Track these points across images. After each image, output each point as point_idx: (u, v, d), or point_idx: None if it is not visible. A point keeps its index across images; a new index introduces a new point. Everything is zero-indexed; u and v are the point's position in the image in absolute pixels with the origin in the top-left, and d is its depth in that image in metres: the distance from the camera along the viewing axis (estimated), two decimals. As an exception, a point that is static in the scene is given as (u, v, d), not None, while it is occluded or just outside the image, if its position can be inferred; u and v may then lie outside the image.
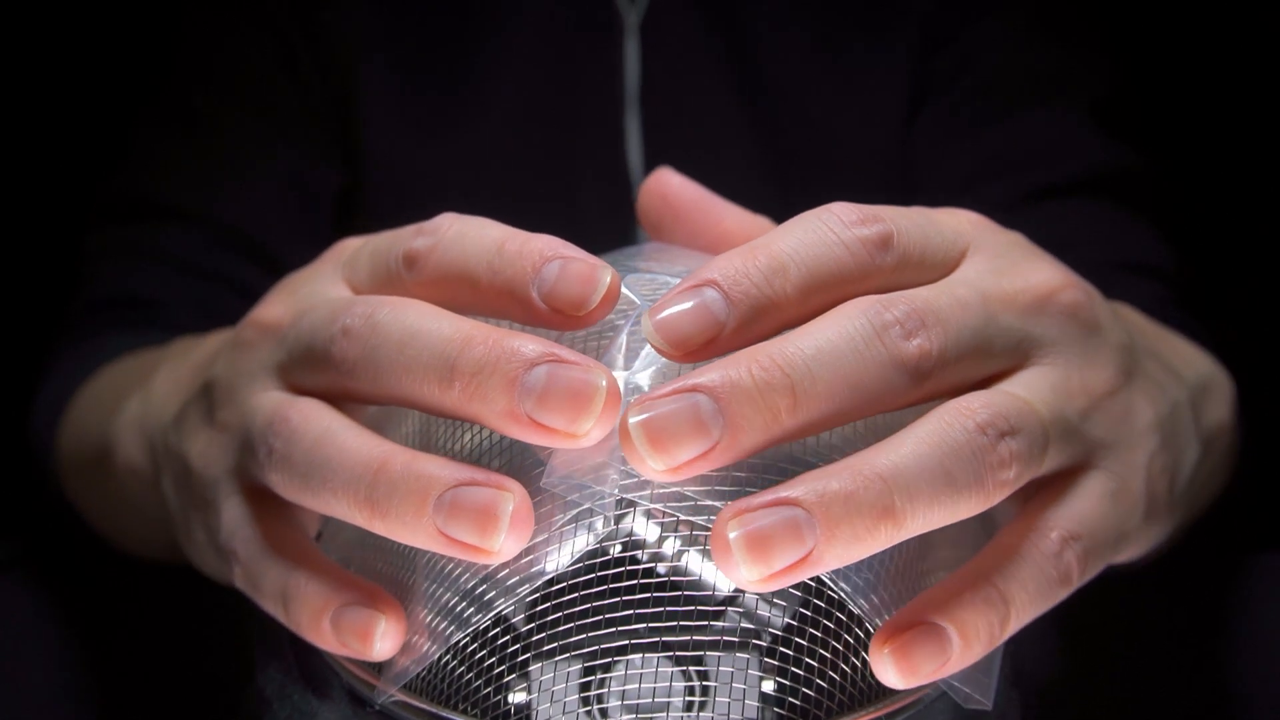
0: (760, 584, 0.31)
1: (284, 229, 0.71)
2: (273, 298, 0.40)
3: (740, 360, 0.31)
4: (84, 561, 0.66)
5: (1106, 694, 0.55)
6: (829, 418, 0.32)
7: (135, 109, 0.75)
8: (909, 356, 0.32)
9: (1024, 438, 0.33)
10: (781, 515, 0.30)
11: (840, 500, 0.31)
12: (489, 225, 0.35)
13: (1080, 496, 0.35)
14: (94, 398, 0.62)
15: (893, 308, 0.33)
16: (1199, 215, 0.83)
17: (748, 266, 0.33)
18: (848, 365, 0.32)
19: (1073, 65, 0.72)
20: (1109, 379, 0.37)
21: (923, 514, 0.31)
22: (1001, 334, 0.35)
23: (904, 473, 0.31)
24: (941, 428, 0.32)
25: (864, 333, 0.32)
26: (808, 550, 0.30)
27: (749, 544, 0.30)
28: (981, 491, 0.32)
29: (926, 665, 0.32)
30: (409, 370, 0.33)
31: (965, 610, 0.33)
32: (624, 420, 0.31)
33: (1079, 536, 0.35)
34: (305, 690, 0.37)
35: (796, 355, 0.31)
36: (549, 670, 0.34)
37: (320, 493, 0.34)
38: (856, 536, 0.31)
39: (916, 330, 0.33)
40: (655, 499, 0.32)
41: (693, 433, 0.31)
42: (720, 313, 0.32)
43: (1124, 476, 0.36)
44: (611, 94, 0.73)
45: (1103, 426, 0.36)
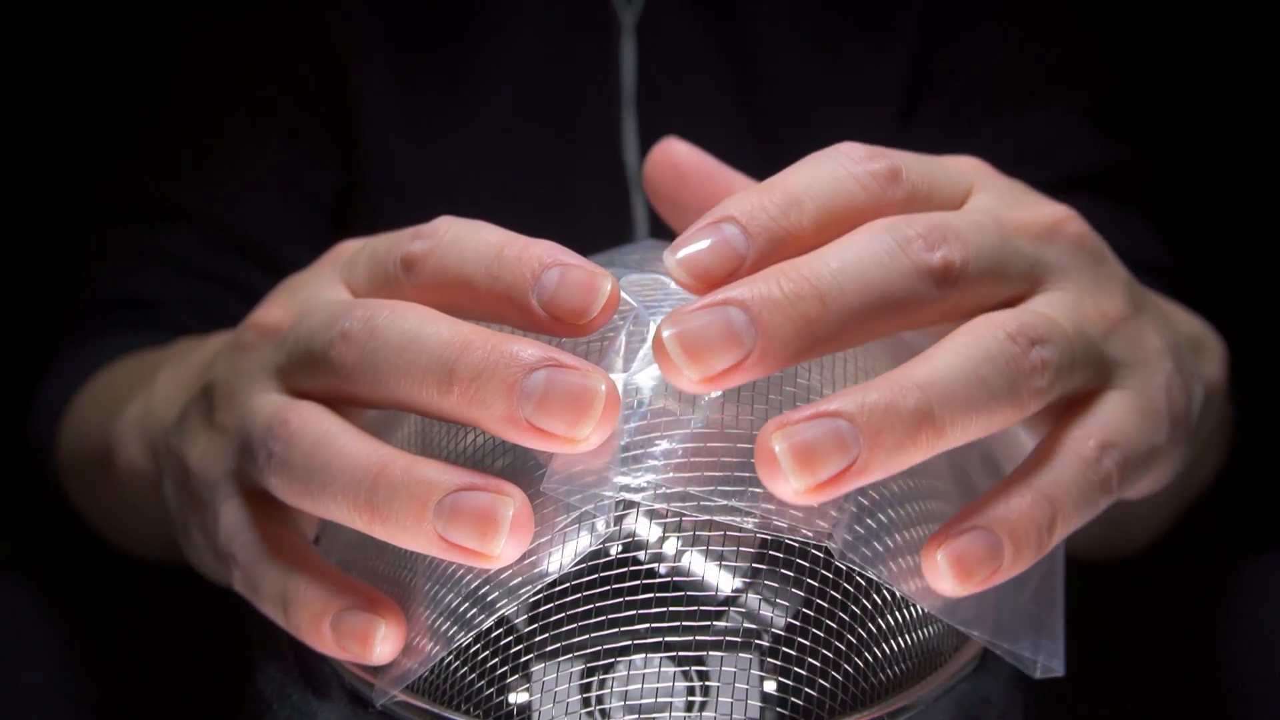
0: (808, 494, 0.31)
1: (283, 229, 0.71)
2: (272, 300, 0.40)
3: (768, 275, 0.32)
4: (84, 561, 0.66)
5: (1107, 694, 0.55)
6: (859, 328, 0.32)
7: (135, 109, 0.75)
8: (934, 266, 0.33)
9: (1054, 347, 0.34)
10: (825, 426, 0.31)
11: (880, 409, 0.31)
12: (487, 229, 0.35)
13: (1110, 410, 0.36)
14: (94, 398, 0.62)
15: (914, 224, 0.33)
16: (1199, 215, 0.83)
17: (763, 202, 0.33)
18: (873, 275, 0.32)
19: (1071, 65, 0.72)
20: (1121, 306, 0.37)
21: (961, 421, 0.32)
22: (1017, 256, 0.35)
23: (940, 381, 0.32)
24: (973, 338, 0.33)
25: (888, 246, 0.33)
26: (852, 459, 0.31)
27: (795, 454, 0.31)
28: (1016, 399, 0.33)
29: (981, 570, 0.32)
30: (407, 374, 0.33)
31: (1013, 515, 0.33)
32: (657, 334, 0.32)
33: (1116, 444, 0.35)
34: (305, 690, 0.37)
35: (823, 267, 0.32)
36: (551, 670, 0.34)
37: (320, 497, 0.34)
38: (899, 444, 0.31)
39: (939, 244, 0.33)
40: (657, 499, 0.32)
41: (727, 343, 0.31)
42: (740, 246, 0.33)
43: (1147, 394, 0.37)
44: (608, 94, 0.73)
45: (1121, 347, 0.37)
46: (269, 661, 0.38)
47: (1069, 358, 0.34)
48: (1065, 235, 0.37)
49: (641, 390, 0.33)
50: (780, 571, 0.35)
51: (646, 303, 0.35)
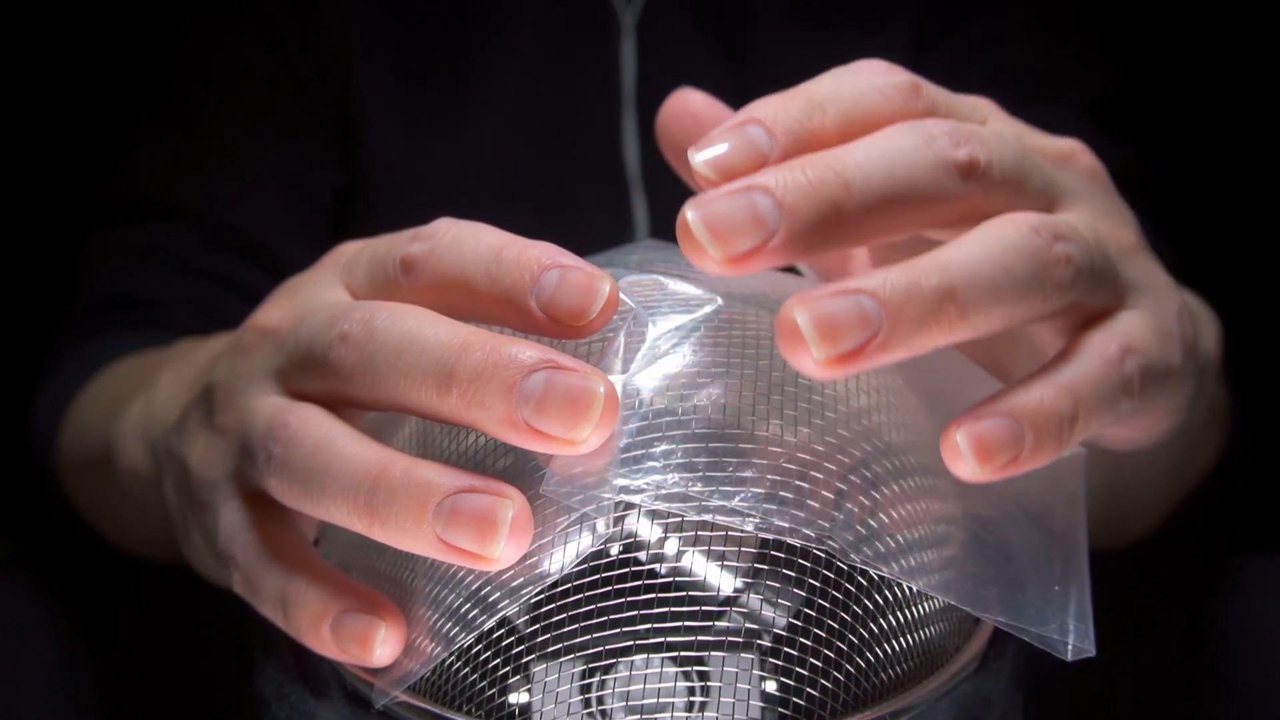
0: (829, 364, 0.31)
1: (283, 229, 0.71)
2: (272, 302, 0.40)
3: (793, 164, 0.32)
4: (84, 561, 0.66)
5: (1107, 694, 0.55)
6: (883, 218, 0.32)
7: (135, 109, 0.75)
8: (960, 160, 0.33)
9: (1076, 245, 0.34)
10: (847, 300, 0.31)
11: (903, 286, 0.31)
12: (486, 231, 0.35)
13: (1129, 323, 0.36)
14: (95, 399, 0.62)
15: (940, 125, 0.34)
16: (1199, 215, 0.83)
17: (787, 106, 0.34)
18: (898, 166, 0.33)
19: (1069, 64, 0.72)
20: (1132, 236, 0.38)
21: (984, 304, 0.32)
22: (1036, 171, 0.36)
23: (963, 263, 0.32)
24: (996, 229, 0.33)
25: (914, 140, 0.33)
26: (874, 332, 0.31)
27: (818, 324, 0.30)
28: (1040, 290, 0.33)
29: (1001, 453, 0.32)
30: (407, 376, 0.33)
31: (1034, 404, 0.33)
32: (681, 216, 0.32)
33: (1137, 350, 0.35)
34: (304, 690, 0.37)
35: (848, 157, 0.32)
36: (552, 671, 0.34)
37: (319, 499, 0.34)
38: (921, 321, 0.31)
39: (963, 142, 0.34)
40: (657, 500, 0.32)
41: (751, 224, 0.31)
42: (764, 144, 0.33)
43: (1161, 315, 0.37)
44: (608, 93, 0.73)
45: (1135, 270, 0.37)
46: (268, 661, 0.38)
47: (1089, 260, 0.34)
48: (1079, 164, 0.38)
49: (641, 391, 0.33)
50: (781, 572, 0.35)
51: (645, 304, 0.35)
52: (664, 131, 0.45)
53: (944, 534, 0.35)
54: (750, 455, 0.33)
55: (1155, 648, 0.57)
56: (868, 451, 0.34)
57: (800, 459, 0.33)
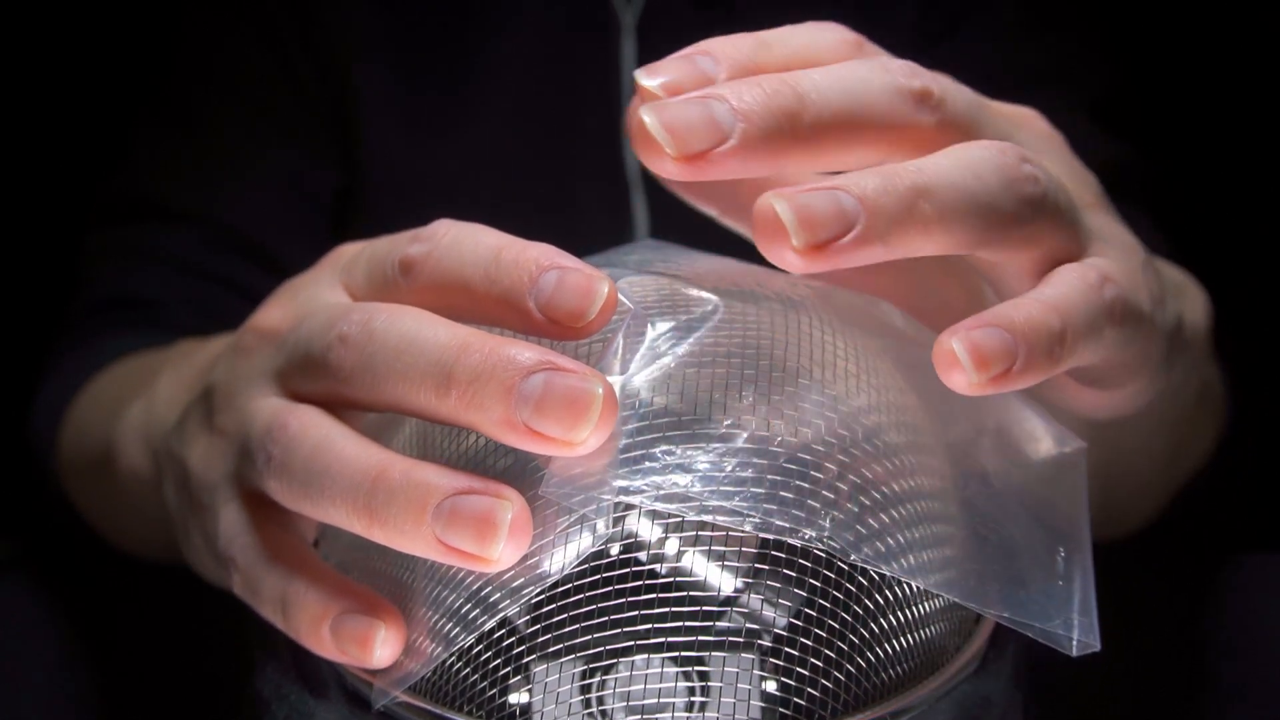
0: (807, 253, 0.31)
1: (283, 229, 0.71)
2: (272, 303, 0.40)
3: (747, 79, 0.33)
4: (84, 561, 0.66)
5: (1107, 693, 0.55)
6: (840, 134, 0.33)
7: (135, 109, 0.75)
8: (914, 88, 0.34)
9: (1043, 171, 0.34)
10: (824, 193, 0.31)
11: (878, 182, 0.32)
12: (485, 232, 0.35)
13: (1101, 259, 0.36)
14: (95, 400, 0.62)
15: (892, 60, 0.35)
16: (1199, 215, 0.83)
17: (736, 41, 0.35)
18: (852, 85, 0.33)
19: (1069, 62, 0.72)
20: (1092, 195, 0.38)
21: (957, 207, 0.32)
22: (992, 123, 0.36)
23: (935, 168, 0.32)
24: (964, 147, 0.34)
25: (868, 66, 0.34)
26: (851, 224, 0.31)
27: (796, 210, 0.31)
28: (1011, 202, 0.33)
29: (996, 362, 0.32)
30: (406, 377, 0.33)
31: (1024, 320, 0.33)
32: (635, 119, 0.32)
33: (1114, 279, 0.35)
34: (303, 691, 0.37)
35: (803, 76, 0.33)
36: (552, 671, 0.34)
37: (319, 501, 0.34)
38: (896, 217, 0.31)
39: (917, 75, 0.34)
40: (657, 501, 0.32)
41: (707, 124, 0.32)
42: (710, 69, 0.34)
43: (1125, 264, 0.37)
44: (609, 94, 0.73)
45: (1098, 223, 0.37)
46: (267, 662, 0.38)
47: (1055, 187, 0.35)
48: (1035, 126, 0.38)
49: (640, 392, 0.33)
50: (782, 572, 0.35)
51: (644, 305, 0.35)
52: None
53: (945, 532, 0.35)
54: (750, 455, 0.33)
55: (1155, 648, 0.57)
56: (868, 451, 0.34)
57: (800, 459, 0.33)
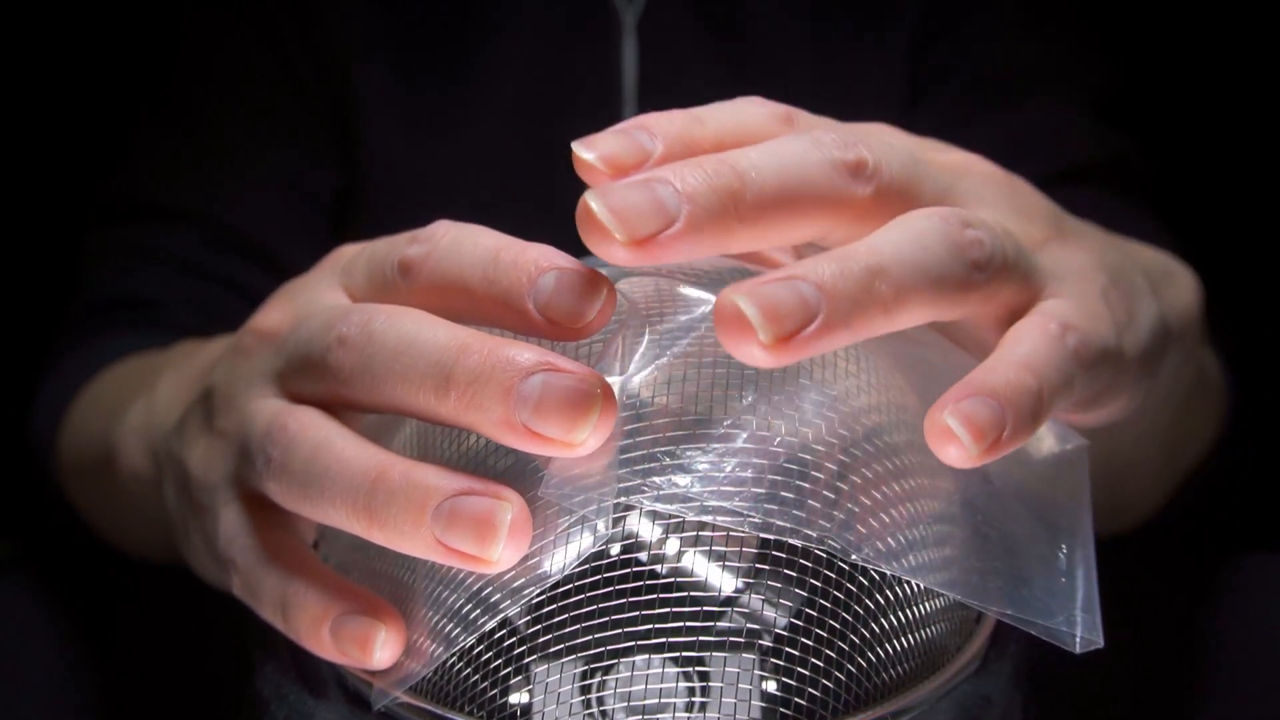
0: (775, 348, 0.31)
1: (283, 229, 0.71)
2: (271, 305, 0.40)
3: (688, 161, 0.33)
4: (84, 561, 0.66)
5: (1107, 693, 0.55)
6: (783, 212, 0.33)
7: (135, 109, 0.75)
8: (848, 161, 0.34)
9: (986, 231, 0.34)
10: (783, 284, 0.31)
11: (834, 269, 0.31)
12: (483, 233, 0.35)
13: (1059, 304, 0.36)
14: (96, 400, 0.62)
15: (825, 131, 0.34)
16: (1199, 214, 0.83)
17: (669, 116, 0.35)
18: (790, 163, 0.33)
19: (1070, 58, 0.72)
20: (1043, 230, 0.38)
21: (912, 282, 0.32)
22: (930, 178, 0.36)
23: (885, 245, 0.32)
24: (906, 219, 0.34)
25: (801, 143, 0.34)
26: (814, 314, 0.31)
27: (760, 305, 0.31)
28: (960, 269, 0.33)
29: (990, 431, 0.32)
30: (405, 379, 0.33)
31: (1004, 384, 0.33)
32: (583, 205, 0.32)
33: (1074, 326, 0.35)
34: (302, 690, 0.37)
35: (740, 155, 0.33)
36: (553, 671, 0.34)
37: (318, 502, 0.34)
38: (857, 300, 0.31)
39: (851, 145, 0.34)
40: (657, 501, 0.32)
41: (654, 209, 0.32)
42: (647, 143, 0.34)
43: (1084, 299, 0.37)
44: (609, 93, 0.73)
45: (1050, 261, 0.37)
46: (267, 662, 0.38)
47: (1002, 245, 0.35)
48: (977, 171, 0.38)
49: (639, 392, 0.33)
50: (782, 572, 0.35)
51: (643, 305, 0.35)
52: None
53: (946, 531, 0.35)
54: (750, 455, 0.33)
55: (1155, 648, 0.57)
56: (868, 451, 0.34)
57: (800, 459, 0.33)
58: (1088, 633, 0.34)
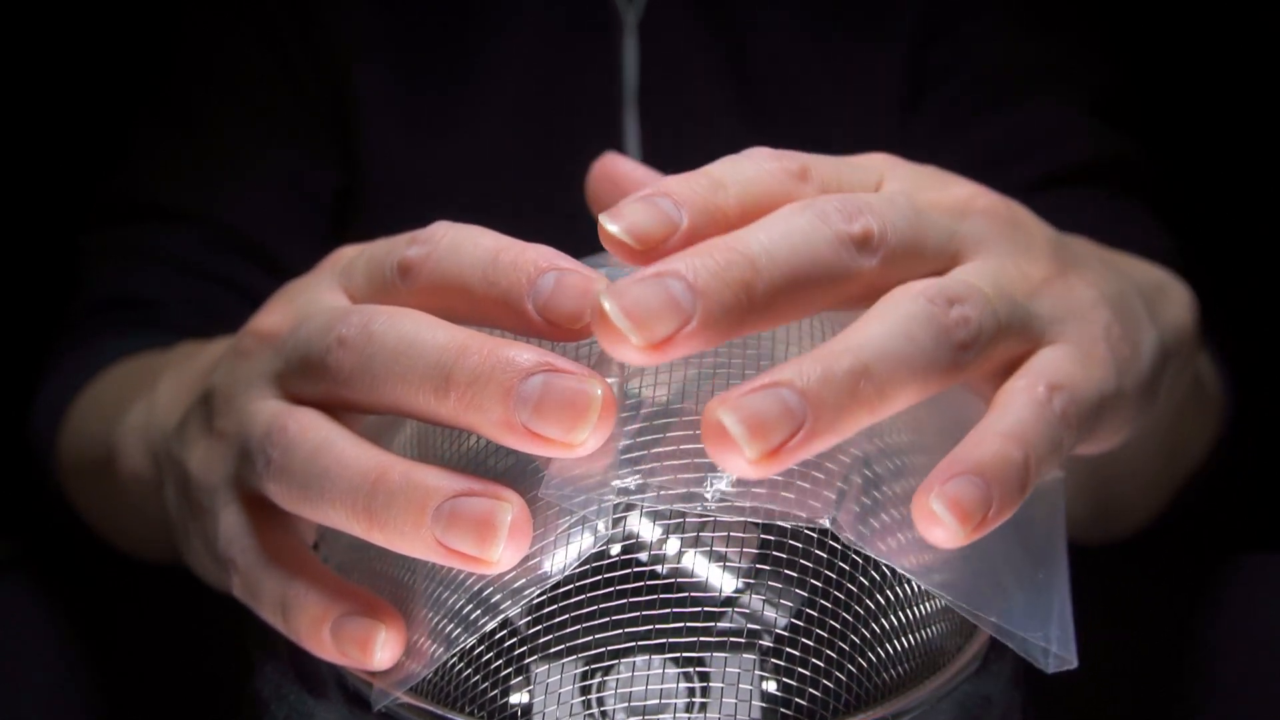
0: (761, 462, 0.31)
1: (283, 229, 0.71)
2: (271, 306, 0.40)
3: (699, 248, 0.32)
4: (84, 561, 0.66)
5: (1107, 694, 0.55)
6: (793, 298, 0.33)
7: (134, 109, 0.75)
8: (854, 234, 0.34)
9: (972, 305, 0.34)
10: (768, 394, 0.31)
11: (817, 372, 0.31)
12: (483, 234, 0.35)
13: (1049, 360, 0.36)
14: (96, 401, 0.62)
15: (829, 200, 0.34)
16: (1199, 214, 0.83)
17: (690, 182, 0.34)
18: (798, 244, 0.33)
19: (1070, 57, 0.72)
20: (1044, 267, 0.38)
21: (897, 377, 0.32)
22: (933, 228, 0.36)
23: (868, 342, 0.32)
24: (891, 304, 0.33)
25: (809, 219, 0.33)
26: (799, 423, 0.31)
27: (744, 421, 0.31)
28: (946, 354, 0.33)
29: (976, 512, 0.32)
30: (404, 380, 0.33)
31: (989, 459, 0.33)
32: (597, 306, 0.31)
33: (1062, 386, 0.35)
34: (302, 690, 0.37)
35: (750, 239, 0.33)
36: (554, 671, 0.34)
37: (318, 503, 0.34)
38: (841, 404, 0.31)
39: (856, 215, 0.34)
40: (657, 501, 0.32)
41: (668, 309, 0.31)
42: (673, 214, 0.33)
43: (1084, 344, 0.37)
44: (610, 93, 0.73)
45: (1049, 305, 0.37)
46: (266, 662, 0.38)
47: (991, 315, 0.34)
48: (977, 208, 0.38)
49: (639, 393, 0.33)
50: (782, 572, 0.35)
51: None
52: (591, 195, 0.46)
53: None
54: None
55: (1155, 648, 0.57)
56: (869, 450, 0.34)
57: None
58: (1062, 650, 0.34)
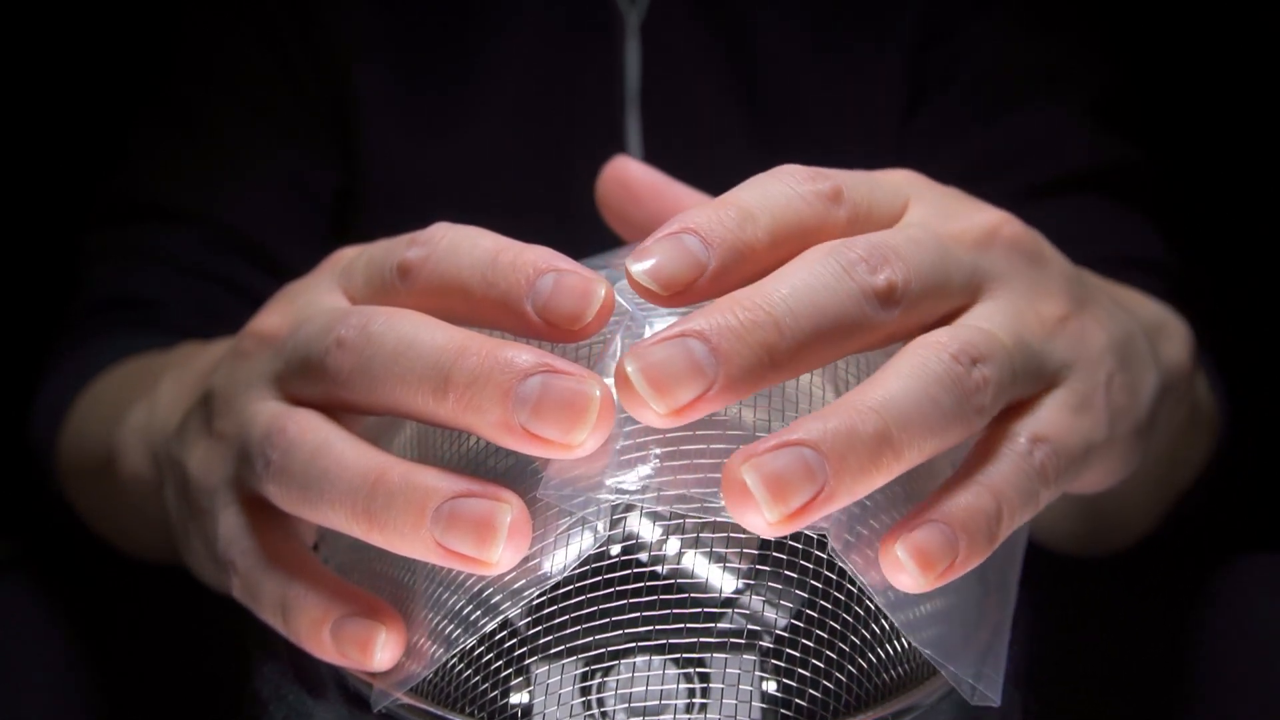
0: (780, 524, 0.31)
1: (283, 230, 0.71)
2: (271, 308, 0.40)
3: (721, 305, 0.32)
4: (84, 561, 0.66)
5: (1107, 694, 0.55)
6: (815, 352, 0.33)
7: (134, 110, 0.75)
8: (878, 287, 0.34)
9: (993, 364, 0.34)
10: (791, 454, 0.31)
11: (842, 435, 0.31)
12: (482, 235, 0.35)
13: (1045, 407, 0.36)
14: (96, 402, 0.62)
15: (855, 247, 0.34)
16: (1199, 215, 0.83)
17: (719, 215, 0.34)
18: (823, 299, 0.33)
19: (1070, 61, 0.72)
20: (1061, 306, 0.38)
21: (917, 442, 0.32)
22: (957, 268, 0.36)
23: (894, 403, 0.32)
24: (919, 361, 0.33)
25: (833, 270, 0.33)
26: (820, 486, 0.31)
27: (767, 484, 0.31)
28: (964, 417, 0.33)
29: (940, 561, 0.32)
30: (403, 381, 0.33)
31: (961, 509, 0.33)
32: (619, 369, 0.32)
33: (1046, 439, 0.35)
34: (300, 690, 0.37)
35: (774, 294, 0.32)
36: (554, 672, 0.34)
37: (318, 504, 0.34)
38: (862, 468, 0.31)
39: (880, 265, 0.34)
40: (656, 502, 0.32)
41: (691, 373, 0.31)
42: (701, 254, 0.33)
43: (1084, 392, 0.37)
44: (612, 95, 0.73)
45: (1061, 348, 0.37)
46: (265, 662, 0.38)
47: (1009, 372, 0.35)
48: (1001, 240, 0.38)
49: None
50: (782, 573, 0.35)
51: (641, 307, 0.35)
52: (601, 199, 0.46)
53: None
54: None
55: (1154, 648, 0.57)
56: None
57: None
58: (987, 689, 0.34)
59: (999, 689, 0.34)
